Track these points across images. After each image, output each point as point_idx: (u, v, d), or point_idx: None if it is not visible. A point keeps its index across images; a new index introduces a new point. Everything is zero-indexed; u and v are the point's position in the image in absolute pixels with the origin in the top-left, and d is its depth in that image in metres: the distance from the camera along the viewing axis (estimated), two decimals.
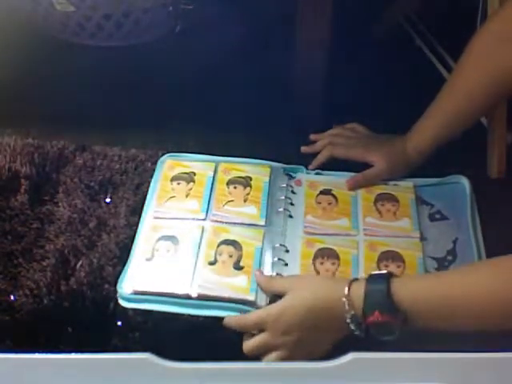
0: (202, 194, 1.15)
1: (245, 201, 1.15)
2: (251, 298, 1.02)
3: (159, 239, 1.10)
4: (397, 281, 0.91)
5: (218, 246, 1.08)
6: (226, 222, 1.12)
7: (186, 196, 1.16)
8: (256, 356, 0.96)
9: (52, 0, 1.46)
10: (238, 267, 1.06)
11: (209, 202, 1.14)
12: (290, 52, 1.35)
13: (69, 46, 1.52)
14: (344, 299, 0.91)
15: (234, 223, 1.12)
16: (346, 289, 0.91)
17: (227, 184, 1.17)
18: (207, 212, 1.13)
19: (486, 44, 1.14)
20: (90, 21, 1.49)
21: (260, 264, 1.06)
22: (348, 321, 0.91)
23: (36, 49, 1.50)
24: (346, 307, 0.91)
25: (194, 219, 1.12)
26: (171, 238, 1.10)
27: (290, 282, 0.99)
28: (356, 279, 0.94)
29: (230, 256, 1.07)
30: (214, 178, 1.18)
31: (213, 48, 1.50)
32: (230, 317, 1.00)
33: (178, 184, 1.18)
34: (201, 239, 1.09)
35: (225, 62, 1.49)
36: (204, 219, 1.12)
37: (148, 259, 1.07)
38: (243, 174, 1.19)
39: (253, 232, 1.11)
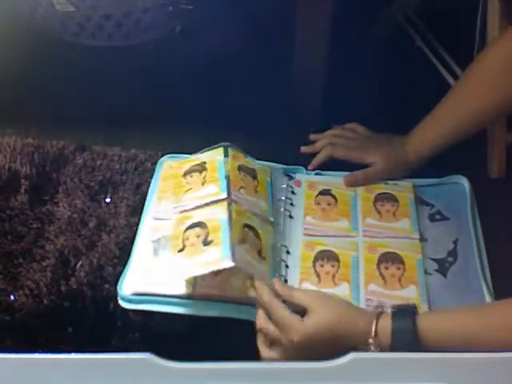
0: (217, 178, 1.12)
1: (255, 192, 1.14)
2: None
3: (187, 229, 1.07)
4: (423, 318, 0.90)
5: (244, 227, 1.06)
6: (245, 207, 1.09)
7: (203, 184, 1.14)
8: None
9: (52, 0, 1.46)
10: (261, 257, 1.05)
11: (227, 182, 1.11)
12: (289, 52, 1.35)
13: (69, 46, 1.52)
14: (371, 340, 0.89)
15: (252, 211, 1.10)
16: (374, 328, 0.89)
17: (238, 169, 1.15)
18: (228, 192, 1.10)
19: (492, 67, 1.14)
20: (90, 21, 1.49)
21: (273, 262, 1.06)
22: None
23: (36, 49, 1.50)
24: (372, 348, 0.89)
25: (216, 201, 1.09)
26: (199, 224, 1.07)
27: (313, 300, 0.95)
28: (382, 312, 0.92)
29: (256, 244, 1.06)
30: (225, 162, 1.15)
31: (213, 48, 1.50)
32: (264, 288, 0.98)
33: (191, 177, 1.16)
34: (229, 218, 1.05)
35: (224, 61, 1.49)
36: (226, 198, 1.09)
37: (180, 250, 1.04)
38: (250, 166, 1.18)
39: (266, 227, 1.10)
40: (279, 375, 0.68)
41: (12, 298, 1.09)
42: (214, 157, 1.17)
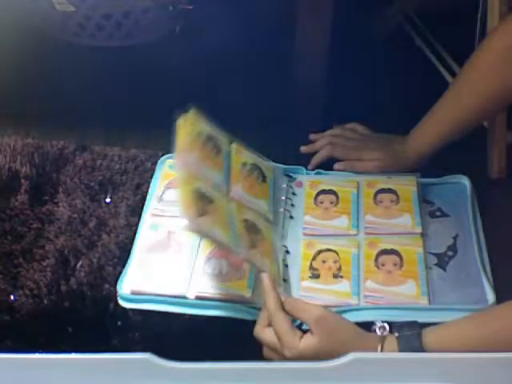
0: (221, 167, 1.11)
1: (255, 190, 1.13)
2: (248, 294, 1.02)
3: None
4: (428, 336, 0.89)
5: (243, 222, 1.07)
6: (244, 204, 1.10)
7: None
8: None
9: (52, 0, 1.46)
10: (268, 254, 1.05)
11: (228, 177, 1.12)
12: (290, 52, 1.35)
13: (69, 46, 1.52)
14: None
15: (251, 208, 1.10)
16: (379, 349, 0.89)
17: (242, 164, 1.15)
18: (227, 187, 1.10)
19: (494, 57, 1.13)
20: (90, 21, 1.49)
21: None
22: None
23: (36, 49, 1.50)
24: None
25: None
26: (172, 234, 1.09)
27: (318, 325, 0.92)
28: (385, 336, 0.91)
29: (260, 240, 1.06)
30: (230, 156, 1.15)
31: (213, 48, 1.50)
32: (271, 295, 0.96)
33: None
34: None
35: (224, 62, 1.49)
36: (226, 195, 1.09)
37: (149, 257, 1.07)
38: (253, 161, 1.17)
39: (267, 226, 1.10)
40: (279, 375, 0.68)
41: (12, 297, 1.09)
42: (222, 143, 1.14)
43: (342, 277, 1.05)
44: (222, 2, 1.52)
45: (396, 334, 0.91)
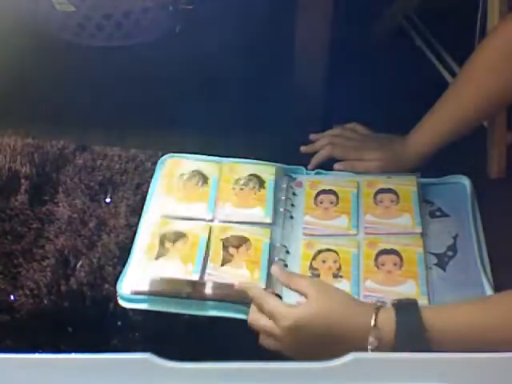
0: (208, 196, 1.15)
1: (252, 200, 1.14)
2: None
3: (166, 235, 1.09)
4: (427, 309, 0.89)
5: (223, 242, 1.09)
6: (229, 223, 1.11)
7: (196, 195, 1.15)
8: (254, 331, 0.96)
9: (52, 0, 1.46)
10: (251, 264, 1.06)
11: (215, 201, 1.14)
12: (290, 52, 1.35)
13: (69, 46, 1.52)
14: (371, 331, 0.87)
15: (241, 222, 1.12)
16: (373, 318, 0.88)
17: (235, 181, 1.17)
18: (213, 212, 1.13)
19: (494, 57, 1.13)
20: (90, 21, 1.49)
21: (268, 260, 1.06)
22: (369, 347, 0.87)
23: (36, 49, 1.50)
24: (371, 340, 0.87)
25: (201, 220, 1.12)
26: (179, 234, 1.09)
27: (311, 287, 0.93)
28: (381, 306, 0.91)
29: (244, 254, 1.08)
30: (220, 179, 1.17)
31: (212, 48, 1.50)
32: (251, 284, 1.00)
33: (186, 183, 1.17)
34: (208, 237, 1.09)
35: (224, 62, 1.49)
36: (211, 220, 1.12)
37: (153, 257, 1.07)
38: (248, 172, 1.18)
39: (258, 231, 1.10)
40: (279, 375, 0.68)
41: (12, 297, 1.09)
42: (208, 168, 1.18)
43: (341, 276, 1.06)
44: (222, 2, 1.52)
45: (392, 303, 0.91)
